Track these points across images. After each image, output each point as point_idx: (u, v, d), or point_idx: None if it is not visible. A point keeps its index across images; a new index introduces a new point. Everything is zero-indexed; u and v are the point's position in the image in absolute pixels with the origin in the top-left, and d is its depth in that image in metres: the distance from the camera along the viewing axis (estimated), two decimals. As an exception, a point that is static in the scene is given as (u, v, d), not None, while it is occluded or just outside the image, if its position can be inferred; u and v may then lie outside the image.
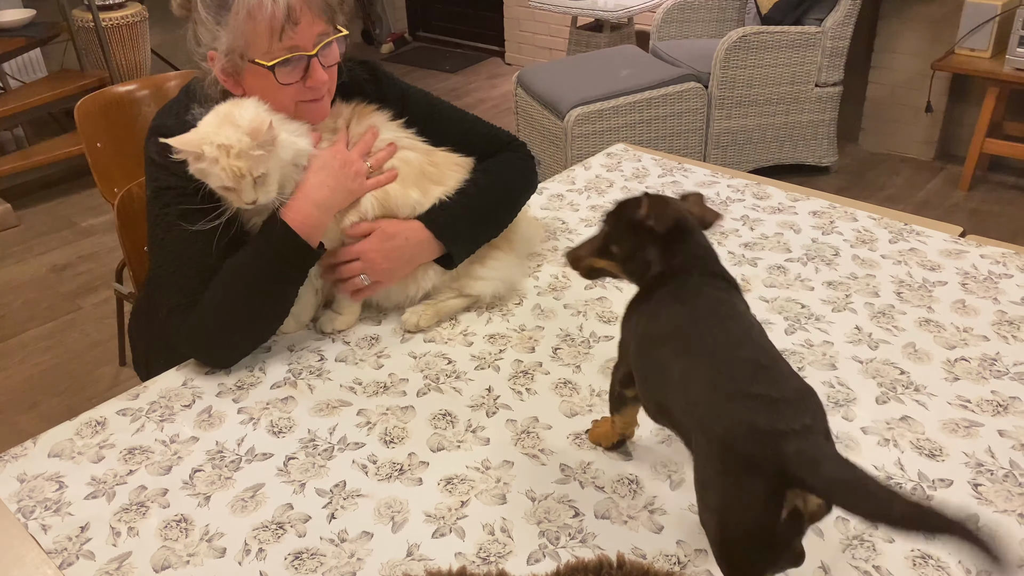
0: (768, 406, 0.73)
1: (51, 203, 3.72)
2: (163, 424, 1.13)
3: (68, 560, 0.93)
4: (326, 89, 1.24)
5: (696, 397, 0.78)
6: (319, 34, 1.19)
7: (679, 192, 1.03)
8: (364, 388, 1.19)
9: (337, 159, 1.23)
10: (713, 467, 0.74)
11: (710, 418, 0.75)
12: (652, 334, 0.89)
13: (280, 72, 1.18)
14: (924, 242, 1.50)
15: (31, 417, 2.38)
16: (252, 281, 1.20)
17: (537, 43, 5.19)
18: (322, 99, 1.25)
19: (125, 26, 4.02)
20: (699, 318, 0.86)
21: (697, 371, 0.79)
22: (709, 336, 0.83)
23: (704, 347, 0.82)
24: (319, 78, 1.20)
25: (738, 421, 0.73)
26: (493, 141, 1.44)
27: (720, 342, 0.82)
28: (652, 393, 0.89)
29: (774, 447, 0.70)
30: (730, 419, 0.73)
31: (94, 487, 1.03)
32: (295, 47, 1.17)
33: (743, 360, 0.79)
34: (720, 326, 0.84)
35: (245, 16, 1.14)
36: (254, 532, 0.95)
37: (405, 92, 1.41)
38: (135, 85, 2.28)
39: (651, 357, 0.88)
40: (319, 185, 1.21)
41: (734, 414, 0.73)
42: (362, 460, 1.05)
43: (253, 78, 1.20)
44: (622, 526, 0.95)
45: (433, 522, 0.96)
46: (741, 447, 0.72)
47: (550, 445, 1.07)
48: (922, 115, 3.74)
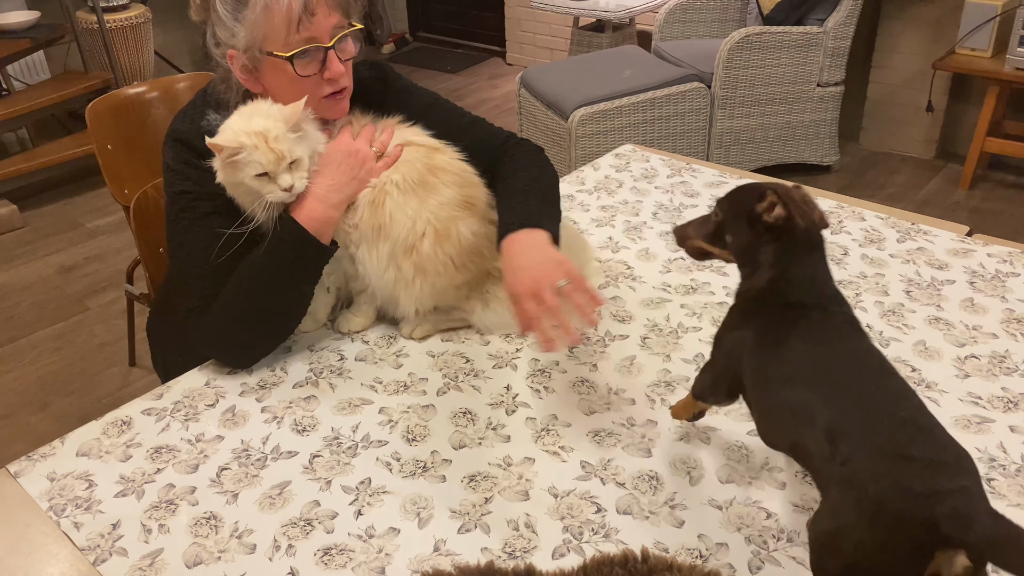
0: (927, 469, 0.73)
1: (56, 204, 3.73)
2: (188, 423, 1.15)
3: (101, 557, 0.94)
4: (343, 83, 1.26)
5: (848, 452, 0.76)
6: (335, 26, 1.21)
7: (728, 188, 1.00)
8: (385, 387, 1.20)
9: (342, 150, 1.25)
10: (858, 520, 0.73)
11: (864, 475, 0.74)
12: (784, 371, 0.87)
13: (298, 64, 1.20)
14: (932, 241, 1.52)
15: (42, 418, 2.40)
16: (266, 281, 1.21)
17: (538, 43, 5.21)
18: (341, 94, 1.27)
19: (129, 27, 4.03)
20: (845, 365, 0.85)
21: (850, 425, 0.78)
22: (862, 389, 0.81)
23: (858, 400, 0.80)
24: (336, 70, 1.22)
25: (895, 482, 0.72)
26: (495, 138, 1.43)
27: (875, 397, 0.81)
28: (782, 431, 0.88)
29: (929, 508, 0.70)
30: (887, 479, 0.73)
31: (123, 485, 1.05)
32: (312, 38, 1.19)
33: (903, 420, 0.78)
34: (872, 378, 0.83)
35: (262, 9, 1.16)
36: (283, 529, 0.97)
37: (409, 90, 1.43)
38: (145, 87, 2.29)
39: (783, 395, 0.86)
40: (325, 181, 1.23)
41: (892, 475, 0.73)
42: (386, 458, 1.07)
43: (272, 73, 1.22)
44: (644, 521, 0.97)
45: (458, 518, 0.98)
46: (896, 507, 0.71)
47: (570, 442, 1.09)
48: (922, 114, 3.76)
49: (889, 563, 0.72)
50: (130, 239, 3.37)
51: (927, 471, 0.72)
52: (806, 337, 0.87)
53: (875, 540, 0.72)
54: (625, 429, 1.11)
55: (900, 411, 0.79)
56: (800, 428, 0.83)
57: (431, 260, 1.25)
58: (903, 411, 0.79)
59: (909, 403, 0.80)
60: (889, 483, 0.72)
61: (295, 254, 1.21)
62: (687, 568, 0.85)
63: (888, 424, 0.77)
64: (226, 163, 1.16)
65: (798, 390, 0.84)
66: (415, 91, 1.42)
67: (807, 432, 0.81)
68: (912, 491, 0.71)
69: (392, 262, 1.26)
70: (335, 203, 1.22)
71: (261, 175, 1.16)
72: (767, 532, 0.94)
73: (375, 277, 1.27)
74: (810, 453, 0.82)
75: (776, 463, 1.04)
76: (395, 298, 1.28)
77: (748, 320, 0.93)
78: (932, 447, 0.75)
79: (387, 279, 1.27)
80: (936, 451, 0.75)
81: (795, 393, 0.84)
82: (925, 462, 0.73)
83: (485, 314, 1.31)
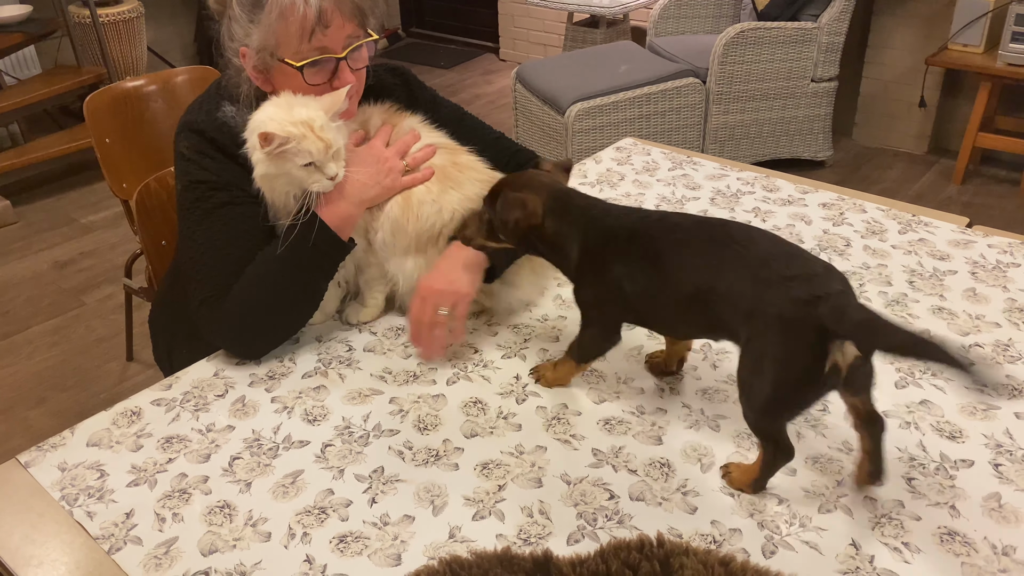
0: (806, 282, 0.90)
1: (49, 199, 3.71)
2: (198, 413, 1.15)
3: (116, 545, 0.94)
4: (352, 91, 1.26)
5: (744, 294, 0.93)
6: (349, 36, 1.21)
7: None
8: (394, 377, 1.21)
9: (372, 155, 1.25)
10: (768, 341, 0.91)
11: (763, 306, 0.91)
12: (665, 277, 1.01)
13: (308, 73, 1.20)
14: (932, 232, 1.53)
15: (40, 413, 2.39)
16: (284, 274, 1.21)
17: (531, 39, 5.21)
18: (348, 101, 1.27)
19: (122, 22, 4.01)
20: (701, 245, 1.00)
21: (739, 280, 0.94)
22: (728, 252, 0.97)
23: (734, 260, 0.96)
24: (346, 80, 1.22)
25: (785, 299, 0.90)
26: (516, 157, 1.45)
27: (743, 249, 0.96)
28: (694, 320, 1.03)
29: (815, 309, 0.87)
30: (779, 300, 0.90)
31: (135, 475, 1.05)
32: (324, 48, 1.19)
33: (773, 254, 0.95)
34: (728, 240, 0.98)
35: (277, 16, 1.16)
36: (297, 517, 0.98)
37: (435, 100, 1.44)
38: (143, 80, 2.28)
39: (680, 293, 1.00)
40: (351, 180, 1.23)
41: (781, 294, 0.90)
42: (398, 447, 1.08)
43: (282, 77, 1.22)
44: (657, 507, 0.97)
45: (472, 505, 0.98)
46: (790, 317, 0.89)
47: (581, 431, 1.09)
48: (915, 110, 3.78)
49: (800, 371, 0.91)
50: (125, 234, 3.36)
51: (806, 283, 0.90)
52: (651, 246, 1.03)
53: (783, 351, 0.91)
54: (635, 417, 1.11)
55: (768, 247, 0.96)
56: (707, 307, 0.98)
57: None
58: (769, 247, 0.96)
59: (769, 240, 0.98)
60: (782, 301, 0.90)
61: (315, 248, 1.21)
62: (702, 552, 0.85)
63: (766, 262, 0.94)
64: (273, 155, 1.15)
65: (686, 283, 0.99)
66: (443, 103, 1.43)
67: (714, 307, 0.97)
68: (799, 299, 0.89)
69: (418, 249, 1.27)
70: (358, 202, 1.23)
71: (308, 164, 1.16)
72: (779, 517, 0.95)
73: (400, 262, 1.28)
74: (722, 320, 0.98)
75: (786, 450, 1.05)
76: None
77: (603, 269, 1.06)
78: (804, 266, 0.93)
79: (410, 265, 1.27)
80: (808, 267, 0.93)
81: (687, 286, 0.99)
82: (803, 277, 0.91)
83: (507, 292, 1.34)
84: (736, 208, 1.65)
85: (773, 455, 0.97)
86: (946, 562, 0.89)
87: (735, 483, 1.00)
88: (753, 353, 0.94)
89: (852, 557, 0.90)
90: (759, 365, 0.93)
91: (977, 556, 0.90)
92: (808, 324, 0.88)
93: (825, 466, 1.02)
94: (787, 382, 0.92)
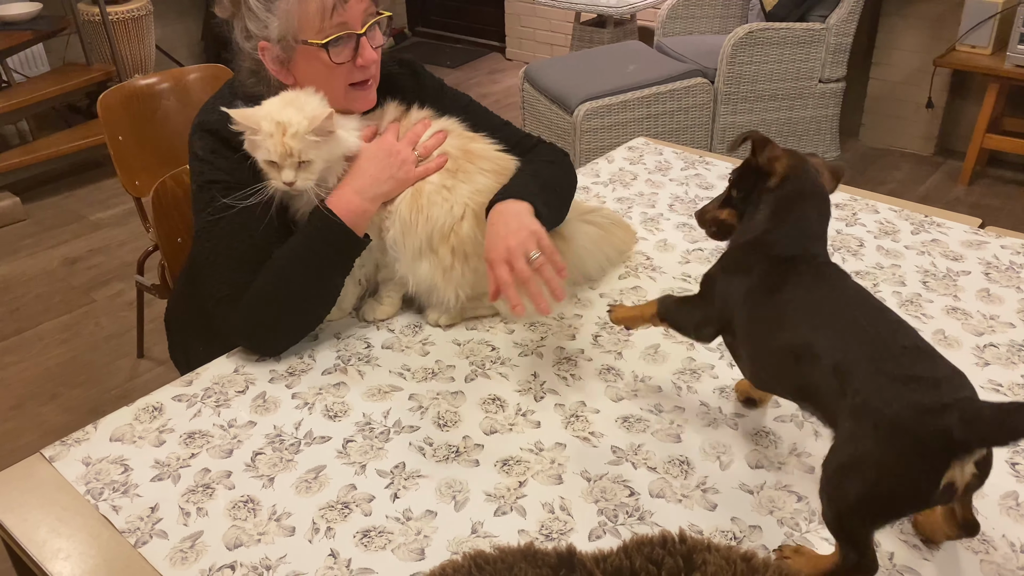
0: (932, 387, 0.80)
1: (58, 197, 3.72)
2: (219, 409, 1.16)
3: (142, 539, 0.95)
4: (373, 71, 1.27)
5: (858, 384, 0.83)
6: (365, 11, 1.23)
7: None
8: (413, 374, 1.22)
9: (383, 148, 1.26)
10: (878, 444, 0.80)
11: (877, 402, 0.81)
12: (783, 317, 0.93)
13: (332, 51, 1.21)
14: (945, 233, 1.54)
15: (52, 408, 2.40)
16: (300, 270, 1.22)
17: (538, 39, 5.21)
18: (369, 83, 1.28)
19: (131, 20, 4.02)
20: (841, 305, 0.91)
21: (856, 359, 0.84)
22: (860, 325, 0.88)
23: (860, 336, 0.86)
24: (368, 57, 1.24)
25: (907, 402, 0.79)
26: (523, 143, 1.45)
27: (874, 330, 0.87)
28: (784, 375, 0.94)
29: (941, 419, 0.77)
30: (899, 401, 0.80)
31: (159, 470, 1.06)
32: (345, 24, 1.21)
33: (903, 347, 0.85)
34: (868, 314, 0.89)
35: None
36: (320, 512, 0.99)
37: (443, 89, 1.45)
38: (156, 78, 2.29)
39: (784, 340, 0.92)
40: (363, 175, 1.24)
41: (903, 396, 0.80)
42: (418, 443, 1.09)
43: (305, 62, 1.23)
44: (677, 504, 0.98)
45: (494, 501, 0.99)
46: (911, 424, 0.78)
47: (599, 428, 1.10)
48: (922, 111, 3.79)
49: (908, 482, 0.80)
50: (134, 231, 3.38)
51: (933, 388, 0.80)
52: (800, 284, 0.94)
53: (894, 460, 0.79)
54: (653, 415, 1.12)
55: (899, 339, 0.86)
56: (805, 369, 0.89)
57: (471, 242, 1.26)
58: (902, 339, 0.86)
59: (906, 332, 0.88)
60: (902, 404, 0.79)
61: (330, 245, 1.22)
62: (724, 548, 0.86)
63: (891, 352, 0.84)
64: (248, 136, 1.19)
65: (799, 334, 0.91)
66: (449, 91, 1.44)
67: (813, 372, 0.88)
68: (923, 406, 0.78)
69: (429, 249, 1.27)
70: (371, 197, 1.24)
71: (270, 162, 1.18)
72: (799, 514, 0.96)
73: (410, 264, 1.28)
74: (818, 392, 0.88)
75: (804, 448, 1.06)
76: (433, 285, 1.28)
77: (742, 268, 0.99)
78: (933, 367, 0.83)
79: (424, 267, 1.28)
80: (937, 370, 0.82)
81: (797, 337, 0.91)
82: (930, 381, 0.81)
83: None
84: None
85: (854, 564, 0.84)
86: (965, 560, 0.90)
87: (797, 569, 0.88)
88: (854, 450, 0.82)
89: (872, 554, 0.91)
90: (859, 466, 0.82)
91: (996, 554, 0.91)
92: (932, 437, 0.77)
93: (843, 464, 1.03)
94: (890, 494, 0.81)
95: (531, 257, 1.15)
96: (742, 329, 0.98)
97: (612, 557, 0.86)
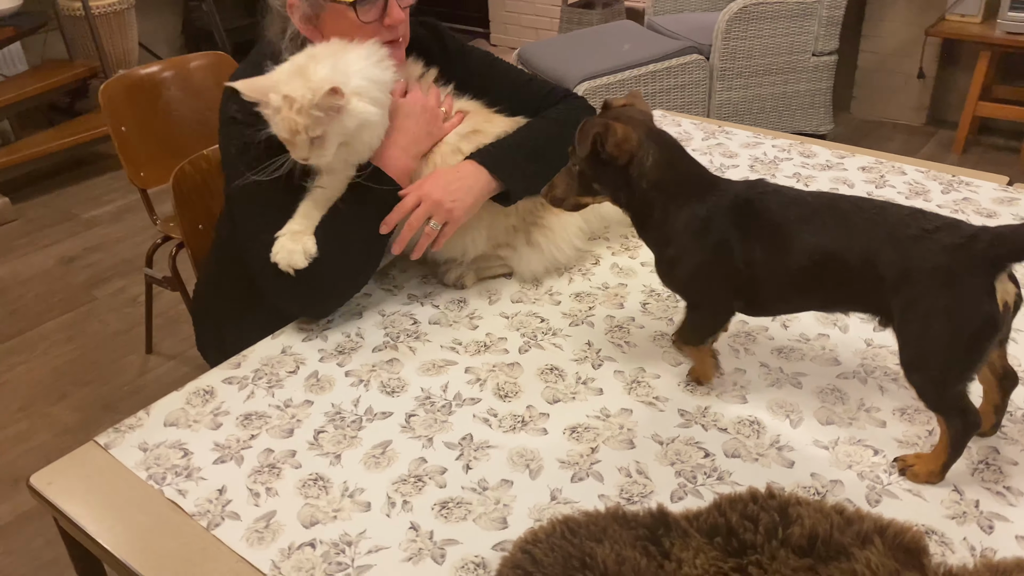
0: (950, 229, 0.88)
1: (48, 196, 3.65)
2: (272, 390, 1.14)
3: (215, 521, 0.93)
4: (402, 31, 1.27)
5: (891, 258, 0.89)
6: None
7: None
8: (465, 348, 1.20)
9: (419, 104, 1.27)
10: (937, 296, 0.86)
11: (918, 261, 0.87)
12: (779, 243, 0.96)
13: (360, 9, 1.20)
14: (975, 192, 1.55)
15: (63, 408, 2.35)
16: (351, 229, 1.22)
17: (523, 23, 5.18)
18: (398, 42, 1.28)
19: (113, 14, 3.94)
20: (820, 206, 0.97)
21: (874, 241, 0.90)
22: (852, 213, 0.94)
23: (861, 222, 0.93)
24: (396, 16, 1.23)
25: (939, 248, 0.86)
26: (550, 96, 1.46)
27: (867, 212, 0.93)
28: (815, 292, 0.98)
29: (974, 247, 0.85)
30: (933, 251, 0.87)
31: (220, 452, 1.03)
32: None
33: (903, 215, 0.92)
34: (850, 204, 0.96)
35: None
36: (394, 486, 0.97)
37: (465, 48, 1.46)
38: (158, 67, 2.25)
39: (796, 262, 0.95)
40: (407, 132, 1.25)
41: (936, 245, 0.87)
42: (482, 414, 1.07)
43: (333, 21, 1.22)
44: (753, 463, 0.98)
45: (568, 468, 0.98)
46: (956, 263, 0.86)
47: (663, 393, 1.09)
48: (913, 81, 3.81)
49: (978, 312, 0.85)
50: (130, 227, 3.32)
51: (953, 229, 0.88)
52: (768, 209, 0.98)
53: (959, 300, 0.86)
54: (716, 378, 1.11)
55: (893, 212, 0.93)
56: (834, 274, 0.94)
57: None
58: (894, 211, 0.93)
59: (890, 205, 0.95)
60: (939, 251, 0.86)
61: (381, 201, 1.23)
62: (815, 503, 0.86)
63: (898, 222, 0.90)
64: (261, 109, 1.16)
65: (810, 246, 0.94)
66: (473, 51, 1.44)
67: (843, 272, 0.93)
68: (957, 245, 0.86)
69: None
70: (415, 154, 1.26)
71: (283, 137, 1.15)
72: (877, 467, 0.96)
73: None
74: (855, 287, 0.93)
75: (873, 404, 1.05)
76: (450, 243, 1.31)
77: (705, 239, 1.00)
78: (937, 218, 0.90)
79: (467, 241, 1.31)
80: (941, 219, 0.90)
81: (809, 249, 0.94)
82: (945, 226, 0.88)
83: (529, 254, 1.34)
84: (777, 174, 1.65)
85: (962, 427, 0.89)
86: (1048, 504, 0.90)
87: (920, 477, 0.93)
88: (919, 317, 0.88)
89: (957, 502, 0.91)
90: (930, 327, 0.87)
91: (1078, 497, 0.91)
92: (976, 264, 0.85)
93: (913, 416, 1.03)
94: (968, 334, 0.86)
95: (430, 223, 1.23)
96: (749, 283, 1.00)
97: (705, 516, 0.85)
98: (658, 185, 1.02)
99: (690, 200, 1.01)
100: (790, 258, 0.96)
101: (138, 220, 3.37)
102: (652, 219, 1.04)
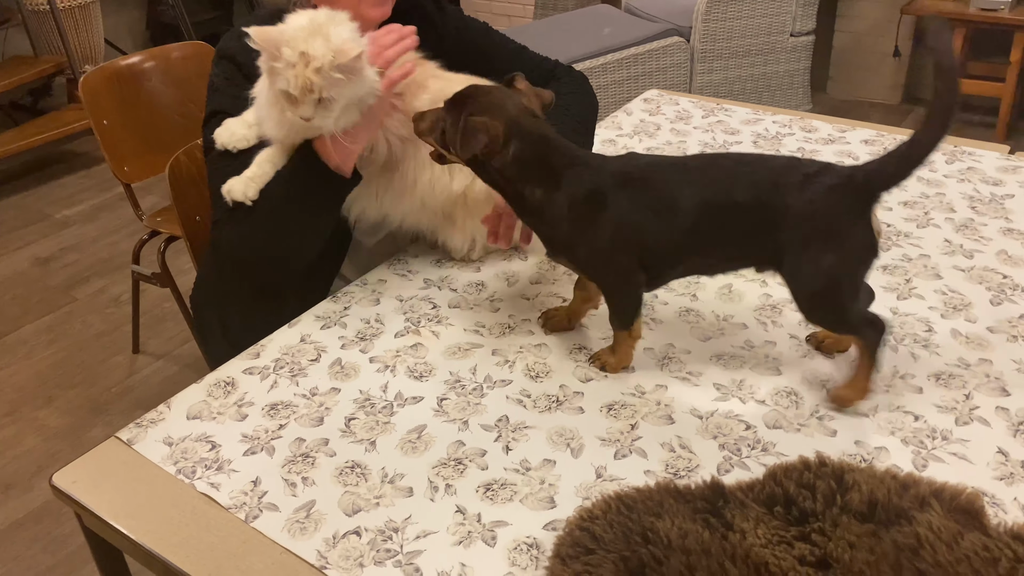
0: (828, 170, 0.95)
1: (17, 197, 3.55)
2: (296, 379, 1.11)
3: (252, 513, 0.90)
4: None
5: (775, 203, 0.95)
6: None
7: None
8: (489, 330, 1.18)
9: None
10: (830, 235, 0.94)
11: (805, 204, 0.94)
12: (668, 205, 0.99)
13: None
14: (979, 161, 1.56)
15: (50, 411, 2.29)
16: (290, 209, 1.20)
17: (495, 10, 5.14)
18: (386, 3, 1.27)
19: (78, 8, 3.85)
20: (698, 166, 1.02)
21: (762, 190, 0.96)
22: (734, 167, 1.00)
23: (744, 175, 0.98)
24: None
25: (827, 187, 0.94)
26: (543, 65, 1.50)
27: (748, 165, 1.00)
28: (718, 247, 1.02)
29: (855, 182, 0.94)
30: (821, 191, 0.94)
31: (249, 443, 1.00)
32: None
33: (782, 164, 0.98)
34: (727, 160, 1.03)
35: None
36: (434, 470, 0.95)
37: (463, 19, 1.47)
38: (139, 57, 2.19)
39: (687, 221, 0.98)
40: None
41: (820, 186, 0.94)
42: (515, 395, 1.05)
43: None
44: (795, 434, 0.97)
45: (610, 445, 0.97)
46: (840, 201, 0.94)
47: (695, 367, 1.08)
48: (888, 60, 3.85)
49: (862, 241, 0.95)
50: (105, 227, 3.25)
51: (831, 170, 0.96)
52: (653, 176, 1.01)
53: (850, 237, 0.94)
54: (746, 351, 1.11)
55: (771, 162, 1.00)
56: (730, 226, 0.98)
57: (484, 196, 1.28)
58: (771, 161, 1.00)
59: (766, 156, 1.04)
60: (824, 191, 0.94)
61: (321, 184, 1.19)
62: (867, 469, 0.85)
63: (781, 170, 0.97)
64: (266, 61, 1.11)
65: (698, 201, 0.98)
66: (468, 19, 1.47)
67: (740, 222, 0.97)
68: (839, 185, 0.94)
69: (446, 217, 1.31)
70: (353, 137, 1.17)
71: (287, 93, 1.10)
72: (920, 433, 0.96)
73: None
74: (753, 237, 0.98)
75: (908, 371, 1.05)
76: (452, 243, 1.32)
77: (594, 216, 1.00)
78: (812, 163, 0.97)
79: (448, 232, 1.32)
80: (819, 163, 0.97)
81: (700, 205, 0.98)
82: (823, 169, 0.96)
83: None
84: (781, 149, 1.65)
85: (874, 333, 0.98)
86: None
87: (853, 399, 0.99)
88: (813, 254, 0.95)
89: (1003, 464, 0.91)
90: (823, 261, 0.94)
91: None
92: (859, 199, 0.94)
93: (948, 381, 1.03)
94: (857, 262, 0.96)
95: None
96: (645, 252, 1.01)
97: (761, 486, 0.84)
98: (523, 175, 1.02)
99: (563, 183, 1.01)
100: (681, 219, 0.99)
101: (114, 218, 3.29)
102: (527, 204, 1.04)
